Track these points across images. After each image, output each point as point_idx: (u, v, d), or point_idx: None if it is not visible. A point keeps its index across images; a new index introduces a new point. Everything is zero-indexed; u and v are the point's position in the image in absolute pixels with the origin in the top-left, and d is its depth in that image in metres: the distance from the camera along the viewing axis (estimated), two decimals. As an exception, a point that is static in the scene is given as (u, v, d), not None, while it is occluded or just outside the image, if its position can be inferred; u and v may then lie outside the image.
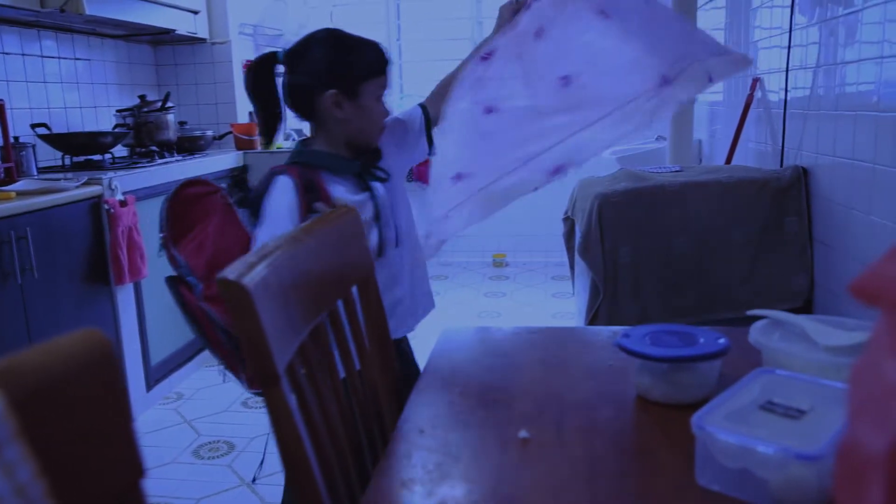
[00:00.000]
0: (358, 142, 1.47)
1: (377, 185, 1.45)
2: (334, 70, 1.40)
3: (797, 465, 0.71)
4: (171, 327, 3.04)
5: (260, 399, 2.84)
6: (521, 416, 0.97)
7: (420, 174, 4.31)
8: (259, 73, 1.46)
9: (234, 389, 3.00)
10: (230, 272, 0.70)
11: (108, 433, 0.50)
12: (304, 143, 1.51)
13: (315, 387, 0.87)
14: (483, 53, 1.43)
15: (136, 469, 0.51)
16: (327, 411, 0.89)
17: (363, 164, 1.46)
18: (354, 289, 1.09)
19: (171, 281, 1.36)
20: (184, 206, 1.37)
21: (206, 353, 3.28)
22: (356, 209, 1.14)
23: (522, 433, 0.92)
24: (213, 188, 1.42)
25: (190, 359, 3.17)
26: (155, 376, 2.90)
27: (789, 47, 2.52)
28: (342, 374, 1.02)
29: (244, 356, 0.73)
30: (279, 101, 1.47)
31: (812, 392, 0.84)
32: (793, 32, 2.50)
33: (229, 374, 1.37)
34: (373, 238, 1.41)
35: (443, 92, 1.54)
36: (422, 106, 1.61)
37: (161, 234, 1.34)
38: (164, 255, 1.37)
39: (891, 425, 0.30)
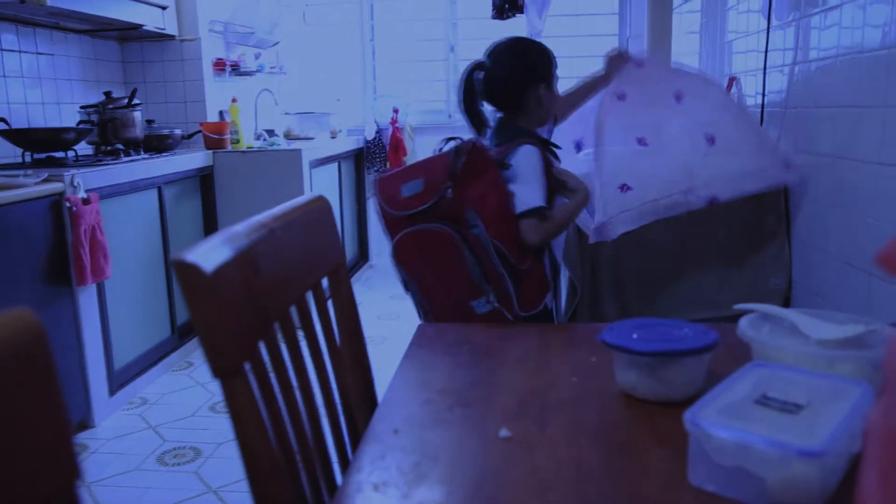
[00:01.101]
0: (544, 124, 1.84)
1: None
2: (544, 67, 1.80)
3: (798, 463, 0.67)
4: (135, 330, 2.95)
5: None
6: (502, 415, 0.92)
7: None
8: (470, 78, 1.81)
9: (201, 394, 2.91)
10: (187, 254, 0.64)
11: (38, 428, 0.44)
12: (505, 124, 1.81)
13: (281, 381, 0.81)
14: (617, 94, 2.06)
15: (69, 470, 0.45)
16: (293, 408, 0.83)
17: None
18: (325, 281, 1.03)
19: (448, 224, 1.57)
20: (475, 159, 1.58)
21: (173, 357, 3.19)
22: (323, 197, 1.08)
23: (504, 432, 0.87)
24: (487, 147, 1.66)
25: (155, 363, 3.08)
26: (119, 381, 2.80)
27: (766, 49, 2.51)
28: (311, 369, 0.96)
29: (202, 344, 0.66)
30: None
31: (808, 386, 0.80)
32: (770, 32, 2.49)
33: (497, 307, 1.59)
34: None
35: (567, 102, 2.07)
36: None
37: (449, 182, 1.54)
38: (430, 201, 1.56)
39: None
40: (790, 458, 0.66)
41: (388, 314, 4.00)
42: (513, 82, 1.78)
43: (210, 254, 0.68)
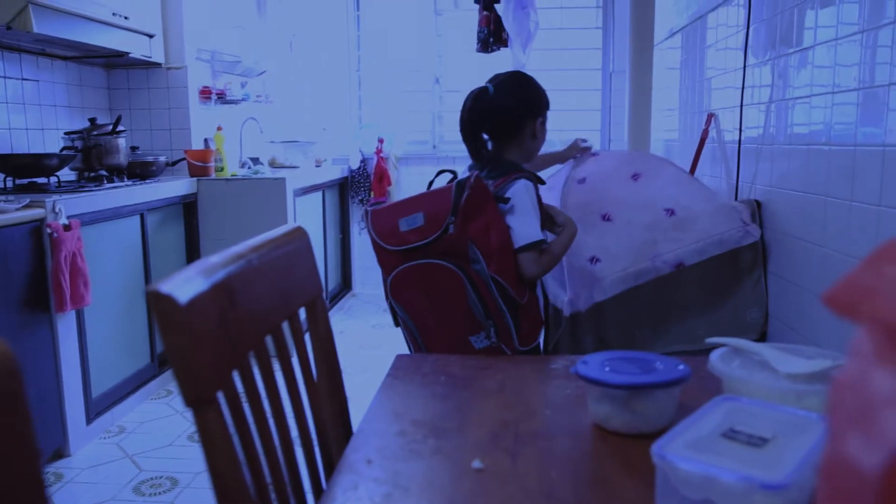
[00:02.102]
0: (530, 160, 1.87)
1: None
2: (543, 101, 1.85)
3: (762, 495, 0.68)
4: (114, 358, 2.92)
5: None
6: (475, 446, 0.93)
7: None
8: (475, 103, 1.79)
9: (180, 423, 2.88)
10: (162, 285, 0.65)
11: (6, 460, 0.44)
12: (497, 157, 1.83)
13: (255, 411, 0.81)
14: (577, 179, 2.26)
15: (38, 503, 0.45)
16: (267, 438, 0.83)
17: None
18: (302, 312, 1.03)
19: (450, 260, 1.58)
20: (477, 194, 1.58)
21: (152, 386, 3.17)
22: (301, 228, 1.09)
23: (476, 463, 0.87)
24: (485, 184, 1.65)
25: (134, 391, 3.05)
26: (96, 409, 2.77)
27: (743, 86, 2.56)
28: (286, 400, 0.96)
29: (175, 374, 0.67)
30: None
31: (774, 420, 0.81)
32: (746, 70, 2.55)
33: (495, 342, 1.61)
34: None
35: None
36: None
37: (452, 216, 1.55)
38: (432, 235, 1.58)
39: (885, 439, 0.26)
40: (754, 490, 0.67)
41: (369, 343, 3.99)
42: (515, 112, 1.81)
43: (185, 285, 0.69)
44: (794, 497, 0.70)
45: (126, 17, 3.24)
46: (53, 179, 2.96)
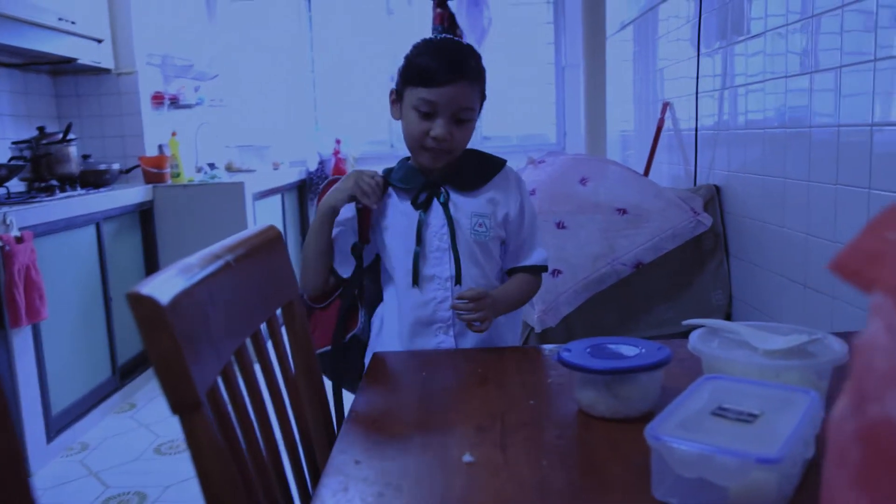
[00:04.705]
0: (411, 151, 1.37)
1: (437, 210, 1.35)
2: (400, 73, 1.37)
3: (757, 470, 0.68)
4: (74, 372, 2.84)
5: (175, 445, 2.67)
6: (464, 440, 0.92)
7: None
8: None
9: (146, 436, 2.81)
10: (142, 286, 0.62)
11: (-5, 471, 0.42)
12: None
13: (239, 416, 0.79)
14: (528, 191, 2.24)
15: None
16: (253, 443, 0.81)
17: (433, 182, 1.36)
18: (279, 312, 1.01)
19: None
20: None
21: (114, 399, 3.09)
22: (275, 227, 1.07)
23: (466, 457, 0.86)
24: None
25: (95, 405, 2.96)
26: (56, 426, 2.68)
27: (697, 75, 2.60)
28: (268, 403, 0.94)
29: (159, 379, 0.65)
30: None
31: (759, 395, 0.82)
32: (700, 59, 2.59)
33: None
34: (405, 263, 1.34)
35: None
36: None
37: None
38: None
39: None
40: (750, 465, 0.68)
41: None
42: None
43: (165, 286, 0.66)
44: (787, 470, 0.71)
45: (73, 22, 3.14)
46: (2, 191, 2.86)
